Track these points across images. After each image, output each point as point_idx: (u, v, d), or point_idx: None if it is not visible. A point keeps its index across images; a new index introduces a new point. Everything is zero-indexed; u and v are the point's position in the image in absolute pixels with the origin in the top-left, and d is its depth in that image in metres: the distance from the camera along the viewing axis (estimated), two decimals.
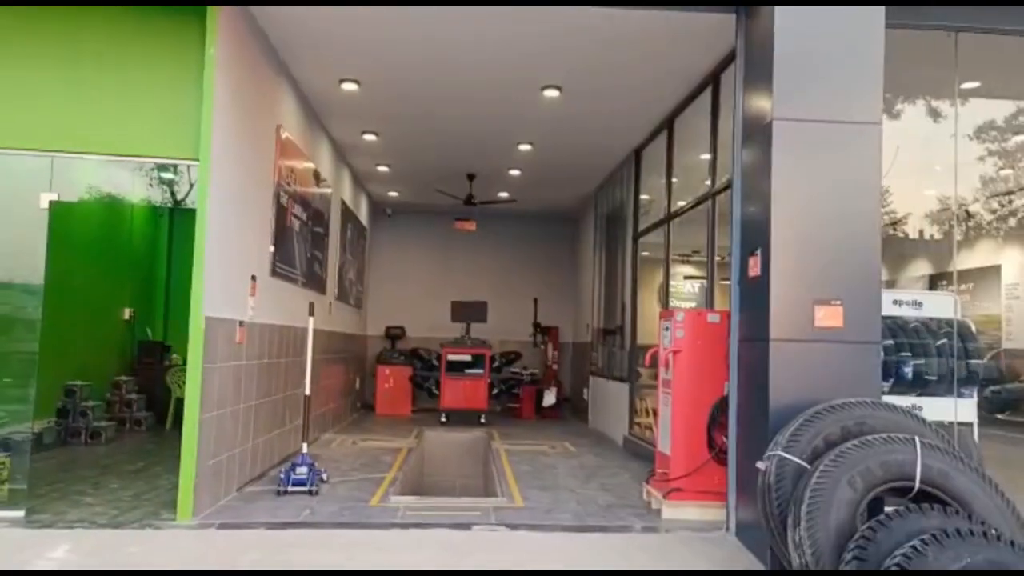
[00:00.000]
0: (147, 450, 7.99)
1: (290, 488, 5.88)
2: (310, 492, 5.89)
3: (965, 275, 7.41)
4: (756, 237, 4.83)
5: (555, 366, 13.22)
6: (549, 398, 12.40)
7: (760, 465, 4.10)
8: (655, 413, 8.47)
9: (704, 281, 13.07)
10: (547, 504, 5.86)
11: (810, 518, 3.58)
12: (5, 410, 5.74)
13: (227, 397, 5.57)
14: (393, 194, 12.85)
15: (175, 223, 11.33)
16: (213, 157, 5.17)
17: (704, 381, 5.56)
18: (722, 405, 5.45)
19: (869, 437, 3.84)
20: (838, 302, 4.52)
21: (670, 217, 8.10)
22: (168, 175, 11.05)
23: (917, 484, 3.73)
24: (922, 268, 7.52)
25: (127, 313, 10.22)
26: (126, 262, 10.30)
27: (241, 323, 5.81)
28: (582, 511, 5.67)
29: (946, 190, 7.16)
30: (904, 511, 3.50)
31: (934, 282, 7.36)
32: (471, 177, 11.13)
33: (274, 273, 6.70)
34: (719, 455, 5.39)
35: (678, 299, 9.30)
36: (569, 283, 14.04)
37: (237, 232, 5.78)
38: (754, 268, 4.79)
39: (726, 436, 5.29)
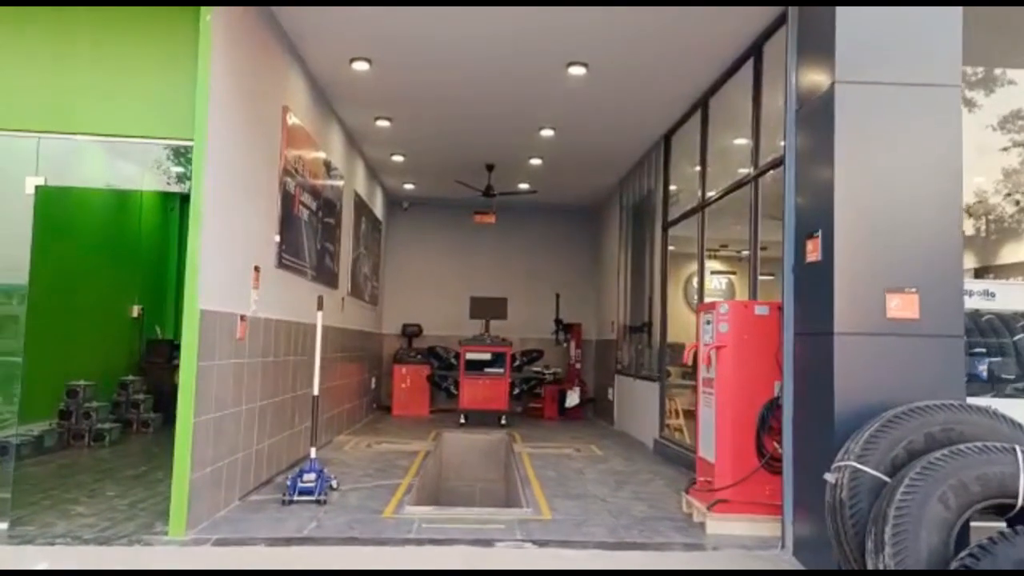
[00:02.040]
0: (151, 453, 7.59)
1: (296, 497, 5.41)
2: (318, 501, 5.41)
3: (1006, 270, 6.93)
4: (814, 218, 4.28)
5: (578, 365, 12.69)
6: (572, 398, 11.90)
7: (829, 477, 3.56)
8: (687, 414, 7.96)
9: (731, 276, 12.57)
10: (577, 516, 5.34)
11: (896, 542, 3.04)
12: (11, 411, 5.37)
13: (227, 398, 5.11)
14: (409, 186, 12.38)
15: (186, 215, 10.88)
16: (210, 137, 4.72)
17: (752, 380, 5.01)
18: (772, 407, 4.91)
19: (960, 446, 3.29)
20: (913, 290, 3.96)
21: (704, 205, 7.53)
22: (181, 169, 10.61)
23: (1020, 502, 3.18)
24: (966, 261, 6.99)
25: (135, 310, 9.82)
26: (135, 257, 9.87)
27: (243, 317, 5.35)
28: (616, 524, 5.14)
29: (981, 183, 6.72)
30: (1011, 534, 2.96)
31: (979, 275, 6.85)
32: (490, 168, 10.62)
33: (280, 264, 6.23)
34: (771, 463, 4.83)
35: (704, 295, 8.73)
36: (592, 278, 13.49)
37: (239, 219, 5.34)
38: (813, 252, 4.24)
39: (778, 442, 4.74)
